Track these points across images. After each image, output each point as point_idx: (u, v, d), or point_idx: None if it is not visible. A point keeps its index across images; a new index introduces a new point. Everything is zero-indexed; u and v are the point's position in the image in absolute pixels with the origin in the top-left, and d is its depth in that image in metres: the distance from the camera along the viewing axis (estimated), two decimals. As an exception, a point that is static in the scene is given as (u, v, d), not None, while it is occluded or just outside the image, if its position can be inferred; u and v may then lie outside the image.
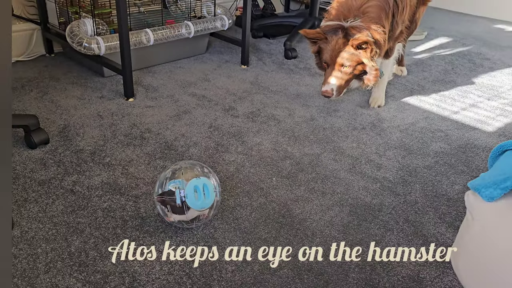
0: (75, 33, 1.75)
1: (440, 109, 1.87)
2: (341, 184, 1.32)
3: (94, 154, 1.37)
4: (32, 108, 1.61)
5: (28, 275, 0.93)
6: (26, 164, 1.29)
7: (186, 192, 1.01)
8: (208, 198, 1.03)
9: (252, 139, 1.53)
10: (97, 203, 1.16)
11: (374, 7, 1.54)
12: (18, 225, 1.06)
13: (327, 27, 1.57)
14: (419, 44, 2.79)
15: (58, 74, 1.92)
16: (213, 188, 1.05)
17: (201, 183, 1.02)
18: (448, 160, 1.49)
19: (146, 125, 1.56)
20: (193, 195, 1.01)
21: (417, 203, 1.26)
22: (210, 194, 1.03)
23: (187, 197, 1.01)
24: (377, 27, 1.54)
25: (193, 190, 1.01)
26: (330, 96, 1.60)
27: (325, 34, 1.56)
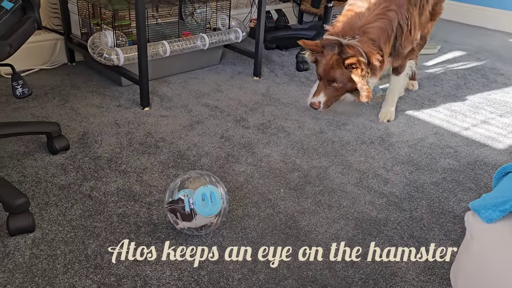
0: (96, 44, 1.83)
1: (450, 125, 1.89)
2: (347, 198, 1.35)
3: (111, 161, 1.43)
4: (54, 115, 1.69)
5: (48, 275, 0.99)
6: (48, 169, 1.36)
7: (194, 200, 1.06)
8: (216, 206, 1.08)
9: (261, 150, 1.58)
10: (113, 209, 1.22)
11: (376, 28, 1.57)
12: (39, 227, 1.12)
13: (326, 40, 1.61)
14: (431, 58, 2.81)
15: (79, 82, 2.00)
16: (220, 195, 1.10)
17: (208, 191, 1.08)
18: (456, 177, 1.52)
19: (161, 134, 1.63)
20: (201, 203, 1.06)
21: (422, 219, 1.29)
22: (217, 201, 1.08)
23: (195, 205, 1.06)
24: (373, 48, 1.56)
25: (201, 198, 1.06)
26: (317, 108, 1.66)
27: (322, 48, 1.60)
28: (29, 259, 1.03)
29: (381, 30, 1.58)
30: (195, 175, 1.12)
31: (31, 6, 1.19)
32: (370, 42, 1.57)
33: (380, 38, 1.58)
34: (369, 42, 1.57)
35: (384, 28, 1.58)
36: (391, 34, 1.61)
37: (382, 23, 1.59)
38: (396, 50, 1.70)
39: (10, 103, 1.75)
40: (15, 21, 1.15)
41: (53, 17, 2.12)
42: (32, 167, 1.36)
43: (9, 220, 1.08)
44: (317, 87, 1.67)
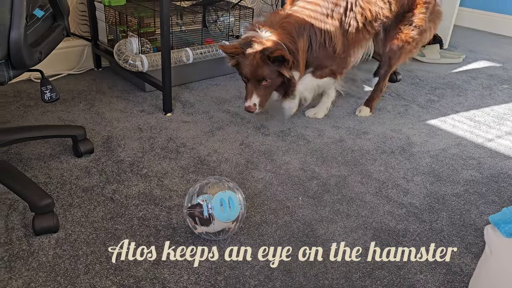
0: (122, 50, 1.88)
1: (473, 136, 1.86)
2: (366, 207, 1.34)
3: (133, 165, 1.47)
4: (80, 119, 1.74)
5: (69, 275, 1.02)
6: (73, 171, 1.40)
7: (213, 205, 1.08)
8: (233, 211, 1.09)
9: (281, 157, 1.58)
10: (134, 212, 1.24)
11: (292, 24, 1.60)
12: (63, 228, 1.16)
13: (244, 39, 1.59)
14: (456, 67, 2.77)
15: (104, 87, 2.06)
16: (238, 201, 1.11)
17: (226, 196, 1.09)
18: (479, 189, 1.49)
19: (182, 139, 1.66)
20: (219, 208, 1.08)
21: (443, 231, 1.27)
22: (236, 207, 1.10)
23: (213, 209, 1.08)
24: (291, 39, 1.57)
25: (219, 203, 1.08)
26: (253, 111, 1.62)
27: (242, 49, 1.57)
28: (52, 259, 1.06)
29: (297, 25, 1.60)
30: (214, 181, 1.14)
31: (60, 14, 1.24)
32: (286, 34, 1.57)
33: (294, 31, 1.59)
34: (285, 34, 1.57)
35: (301, 24, 1.60)
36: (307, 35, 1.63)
37: (298, 20, 1.60)
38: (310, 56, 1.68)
39: (39, 106, 1.82)
40: (46, 29, 1.20)
41: (81, 24, 2.19)
42: (58, 169, 1.41)
43: (35, 220, 1.11)
44: (247, 90, 1.63)
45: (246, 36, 1.60)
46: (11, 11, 0.94)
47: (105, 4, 2.03)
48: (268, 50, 1.53)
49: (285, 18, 1.63)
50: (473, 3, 3.87)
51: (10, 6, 0.94)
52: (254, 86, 1.60)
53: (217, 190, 1.10)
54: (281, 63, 1.56)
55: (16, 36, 0.97)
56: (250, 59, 1.56)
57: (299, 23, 1.63)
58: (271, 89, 1.65)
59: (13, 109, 1.78)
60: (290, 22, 1.61)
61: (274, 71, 1.58)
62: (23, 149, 1.51)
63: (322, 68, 1.76)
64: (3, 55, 0.98)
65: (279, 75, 1.60)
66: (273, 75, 1.58)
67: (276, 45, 1.55)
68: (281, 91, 1.68)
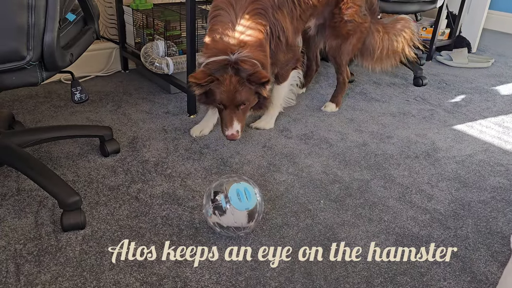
0: (148, 53, 1.93)
1: (502, 142, 1.81)
2: (389, 212, 1.33)
3: (157, 165, 1.50)
4: (107, 120, 1.79)
5: (95, 270, 1.05)
6: (99, 170, 1.45)
7: (230, 196, 1.11)
8: (250, 200, 1.12)
9: (303, 160, 1.58)
10: (157, 211, 1.27)
11: (254, 37, 1.50)
12: (89, 225, 1.20)
13: (213, 64, 1.44)
14: (484, 72, 2.70)
15: (131, 89, 2.11)
16: (254, 191, 1.14)
17: (242, 187, 1.13)
18: (507, 196, 1.45)
19: (205, 141, 1.68)
20: (236, 198, 1.11)
21: (468, 239, 1.24)
22: (252, 196, 1.13)
23: (231, 200, 1.11)
24: (264, 55, 1.51)
25: (236, 194, 1.12)
26: (236, 139, 1.51)
27: (215, 76, 1.43)
28: (79, 254, 1.09)
29: (258, 38, 1.51)
30: (226, 179, 1.17)
31: (91, 18, 1.28)
32: (259, 50, 1.49)
33: (261, 44, 1.51)
34: (258, 50, 1.49)
35: (262, 33, 1.52)
36: (267, 39, 1.55)
37: (256, 30, 1.51)
38: (271, 57, 1.61)
39: (68, 107, 1.88)
40: (77, 32, 1.24)
41: (110, 27, 2.25)
42: (85, 168, 1.45)
43: (63, 217, 1.15)
44: (225, 117, 1.50)
45: (213, 60, 1.45)
46: (45, 15, 0.98)
47: (133, 8, 2.08)
48: (246, 72, 1.43)
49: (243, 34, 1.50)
50: (503, 6, 3.77)
51: (45, 10, 0.98)
52: (233, 111, 1.49)
53: (232, 183, 1.14)
54: (261, 84, 1.47)
55: (50, 39, 1.01)
56: (227, 84, 1.44)
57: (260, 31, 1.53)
58: (248, 110, 1.56)
59: (44, 109, 1.84)
60: (251, 35, 1.50)
61: (252, 93, 1.49)
62: (52, 148, 1.56)
63: (283, 65, 1.74)
64: (37, 57, 1.02)
65: (253, 95, 1.51)
66: (251, 97, 1.50)
67: (253, 66, 1.45)
68: (256, 107, 1.59)
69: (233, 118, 1.49)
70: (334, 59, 1.95)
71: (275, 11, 1.59)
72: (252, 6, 1.53)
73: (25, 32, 0.97)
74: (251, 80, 1.45)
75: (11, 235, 1.14)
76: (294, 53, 1.77)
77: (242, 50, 1.45)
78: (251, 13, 1.52)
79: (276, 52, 1.65)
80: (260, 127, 1.81)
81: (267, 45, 1.57)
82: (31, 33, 0.97)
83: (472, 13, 2.99)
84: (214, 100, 1.49)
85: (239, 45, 1.47)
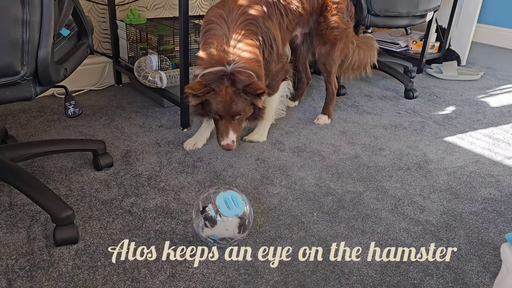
0: (142, 67, 1.94)
1: (492, 153, 1.83)
2: (381, 224, 1.34)
3: (150, 178, 1.50)
4: (100, 134, 1.79)
5: (88, 285, 1.04)
6: (92, 184, 1.44)
7: (218, 204, 1.13)
8: (239, 207, 1.14)
9: (296, 173, 1.59)
10: (151, 225, 1.27)
11: (249, 46, 1.52)
12: (82, 239, 1.19)
13: (209, 75, 1.46)
14: (474, 84, 2.75)
15: (124, 103, 2.12)
16: (241, 197, 1.16)
17: (229, 194, 1.15)
18: (498, 207, 1.46)
19: (199, 154, 1.68)
20: (225, 206, 1.13)
21: (460, 250, 1.25)
22: (240, 202, 1.15)
23: (220, 208, 1.12)
24: (259, 66, 1.52)
25: (224, 202, 1.13)
26: (231, 149, 1.53)
27: (211, 86, 1.46)
28: (71, 269, 1.09)
29: (252, 49, 1.53)
30: (214, 190, 1.18)
31: (85, 33, 1.29)
32: (254, 61, 1.51)
33: (256, 55, 1.53)
34: (253, 61, 1.51)
35: (255, 44, 1.55)
36: (260, 49, 1.58)
37: (249, 40, 1.54)
38: (264, 68, 1.63)
39: (61, 121, 1.88)
40: (71, 47, 1.26)
41: (103, 41, 2.27)
42: (78, 182, 1.45)
43: (56, 231, 1.15)
44: (221, 127, 1.52)
45: (209, 71, 1.47)
46: (40, 31, 0.99)
47: (126, 23, 2.10)
48: (240, 82, 1.45)
49: (238, 44, 1.52)
50: (491, 20, 3.85)
51: (39, 26, 0.99)
52: (229, 122, 1.51)
53: (219, 193, 1.16)
54: (256, 95, 1.49)
55: (44, 55, 1.02)
56: (223, 95, 1.46)
57: (254, 40, 1.55)
58: (243, 120, 1.58)
59: (37, 123, 1.84)
60: (246, 44, 1.53)
61: (248, 103, 1.51)
62: (45, 162, 1.56)
63: (274, 76, 1.76)
64: (31, 72, 1.03)
65: (249, 105, 1.53)
66: (247, 107, 1.52)
67: (249, 77, 1.47)
68: (251, 118, 1.61)
69: (228, 128, 1.51)
70: (324, 66, 1.99)
71: (266, 20, 1.62)
72: (243, 18, 1.56)
73: (20, 48, 0.98)
74: (247, 91, 1.48)
75: (3, 250, 1.13)
76: (283, 63, 1.80)
77: (237, 61, 1.48)
78: (242, 24, 1.55)
79: (269, 62, 1.67)
80: (254, 140, 1.82)
81: (261, 54, 1.59)
82: (25, 48, 0.98)
83: (461, 26, 3.05)
84: (210, 110, 1.51)
85: (234, 56, 1.50)
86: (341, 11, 1.89)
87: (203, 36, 1.60)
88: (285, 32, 1.76)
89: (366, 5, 2.15)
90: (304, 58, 2.12)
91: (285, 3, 1.72)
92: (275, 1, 1.68)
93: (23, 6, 0.94)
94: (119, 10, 2.22)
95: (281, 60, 1.77)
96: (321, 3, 1.87)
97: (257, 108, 1.56)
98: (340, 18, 1.89)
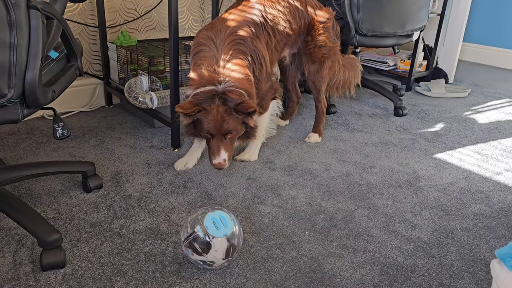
0: (132, 88, 1.95)
1: (481, 170, 1.85)
2: (373, 242, 1.33)
3: (140, 200, 1.48)
4: (90, 155, 1.78)
5: (74, 312, 1.02)
6: (81, 206, 1.42)
7: (206, 225, 1.11)
8: (228, 226, 1.13)
9: (287, 192, 1.59)
10: (140, 247, 1.25)
11: (239, 66, 1.54)
12: (70, 263, 1.16)
13: (200, 95, 1.47)
14: (461, 101, 2.79)
15: (115, 124, 2.11)
16: (230, 217, 1.15)
17: (217, 214, 1.14)
18: (488, 223, 1.47)
19: (189, 174, 1.67)
20: (213, 226, 1.11)
21: (452, 267, 1.24)
22: (228, 222, 1.13)
23: (208, 229, 1.11)
24: (250, 84, 1.54)
25: (212, 222, 1.12)
26: (223, 168, 1.53)
27: (202, 105, 1.46)
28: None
29: (242, 69, 1.55)
30: (202, 211, 1.17)
31: (74, 55, 1.29)
32: (245, 80, 1.52)
33: (246, 74, 1.55)
34: (244, 80, 1.52)
35: (244, 63, 1.57)
36: (249, 67, 1.60)
37: (239, 60, 1.56)
38: (255, 87, 1.64)
39: (51, 143, 1.86)
40: (60, 69, 1.26)
41: (94, 63, 2.28)
42: (67, 205, 1.43)
43: (42, 256, 1.12)
44: (213, 146, 1.52)
45: (200, 91, 1.48)
46: (27, 54, 1.00)
47: (117, 44, 2.12)
48: (233, 101, 1.46)
49: (228, 63, 1.54)
50: (477, 38, 3.94)
51: (27, 49, 0.99)
52: (220, 141, 1.51)
53: (206, 214, 1.14)
54: (248, 114, 1.50)
55: (32, 77, 1.02)
56: (214, 114, 1.46)
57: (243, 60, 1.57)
58: (235, 139, 1.58)
59: (26, 145, 1.82)
60: (236, 64, 1.54)
61: (239, 122, 1.52)
62: (34, 184, 1.54)
63: (264, 96, 1.78)
64: (18, 94, 1.02)
65: (241, 124, 1.54)
66: (239, 126, 1.53)
67: (240, 95, 1.48)
68: (243, 137, 1.61)
69: (220, 147, 1.51)
70: (314, 84, 2.01)
71: (254, 39, 1.64)
72: (231, 38, 1.59)
73: (7, 70, 0.98)
74: (238, 110, 1.48)
75: (-13, 277, 1.10)
76: (272, 82, 1.82)
77: (228, 80, 1.49)
78: (231, 43, 1.58)
79: (259, 80, 1.69)
80: (245, 159, 1.81)
81: (251, 73, 1.61)
82: (12, 71, 0.98)
83: (448, 45, 3.11)
84: (201, 129, 1.52)
85: (224, 76, 1.51)
86: (328, 30, 1.93)
87: (193, 58, 1.62)
88: (273, 52, 1.79)
89: (354, 25, 2.19)
90: (293, 77, 2.14)
91: (273, 24, 1.75)
92: (262, 22, 1.71)
93: (11, 30, 0.95)
94: (109, 32, 2.24)
95: (270, 79, 1.79)
96: (307, 23, 1.91)
97: (249, 127, 1.57)
98: (327, 37, 1.93)
